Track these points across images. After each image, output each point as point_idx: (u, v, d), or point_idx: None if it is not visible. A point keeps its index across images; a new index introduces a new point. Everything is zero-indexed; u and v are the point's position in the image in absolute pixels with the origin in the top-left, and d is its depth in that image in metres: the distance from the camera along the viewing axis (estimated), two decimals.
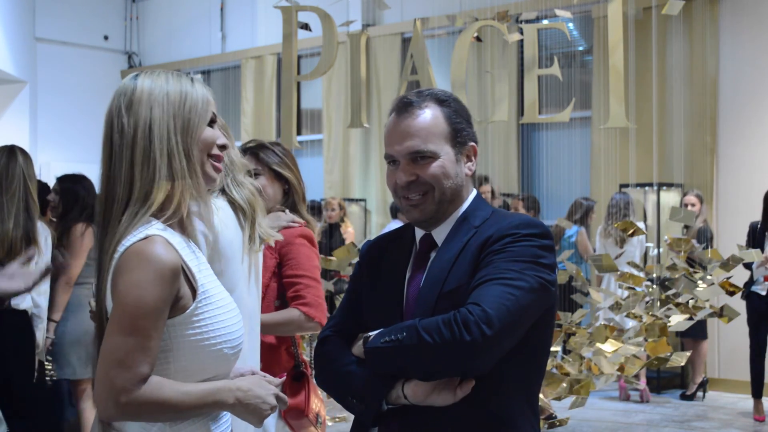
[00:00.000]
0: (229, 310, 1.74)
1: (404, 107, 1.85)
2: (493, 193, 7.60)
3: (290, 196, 3.09)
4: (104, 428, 1.72)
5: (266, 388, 1.70)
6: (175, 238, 1.69)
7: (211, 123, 1.78)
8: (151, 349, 1.61)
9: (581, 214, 7.64)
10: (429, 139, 1.82)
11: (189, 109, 1.72)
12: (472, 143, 1.89)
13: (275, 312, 2.94)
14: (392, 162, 1.87)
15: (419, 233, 1.92)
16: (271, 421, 2.76)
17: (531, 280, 1.72)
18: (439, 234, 1.88)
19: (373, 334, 1.78)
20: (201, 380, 1.68)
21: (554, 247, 1.82)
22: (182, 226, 1.75)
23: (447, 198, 1.84)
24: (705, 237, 6.80)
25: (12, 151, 3.93)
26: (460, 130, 1.86)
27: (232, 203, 2.54)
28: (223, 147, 1.81)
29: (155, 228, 1.67)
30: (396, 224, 8.76)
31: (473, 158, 1.90)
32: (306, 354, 3.31)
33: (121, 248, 1.65)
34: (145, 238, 1.64)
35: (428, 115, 1.84)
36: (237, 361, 1.82)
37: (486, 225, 1.83)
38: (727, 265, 4.83)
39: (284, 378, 1.86)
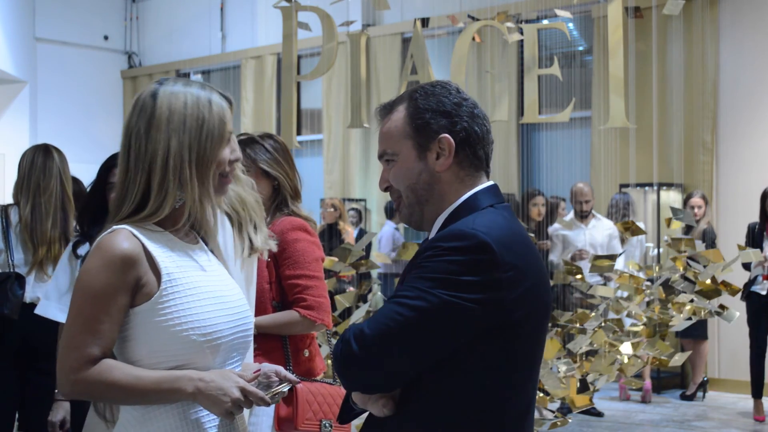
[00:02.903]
0: (204, 298, 1.77)
1: (377, 114, 1.86)
2: None
3: (280, 193, 3.00)
4: (96, 408, 1.76)
5: (231, 380, 1.73)
6: (146, 231, 1.76)
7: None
8: (102, 333, 1.69)
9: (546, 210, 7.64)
10: (388, 142, 1.80)
11: (205, 138, 1.77)
12: (444, 135, 1.74)
13: (275, 314, 2.88)
14: None
15: None
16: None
17: (433, 300, 1.59)
18: (431, 235, 1.80)
19: None
20: (172, 367, 1.73)
21: (492, 261, 1.61)
22: (178, 229, 1.83)
23: (414, 200, 1.77)
24: (709, 238, 6.81)
25: (47, 150, 3.93)
26: (423, 126, 1.75)
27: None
28: (234, 161, 1.84)
29: (128, 224, 1.75)
30: (390, 225, 8.77)
31: (447, 151, 1.74)
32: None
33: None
34: (111, 231, 1.74)
35: (392, 117, 1.80)
36: (234, 356, 1.84)
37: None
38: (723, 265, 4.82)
39: (259, 372, 1.84)
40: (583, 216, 7.09)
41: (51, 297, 2.89)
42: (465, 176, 1.77)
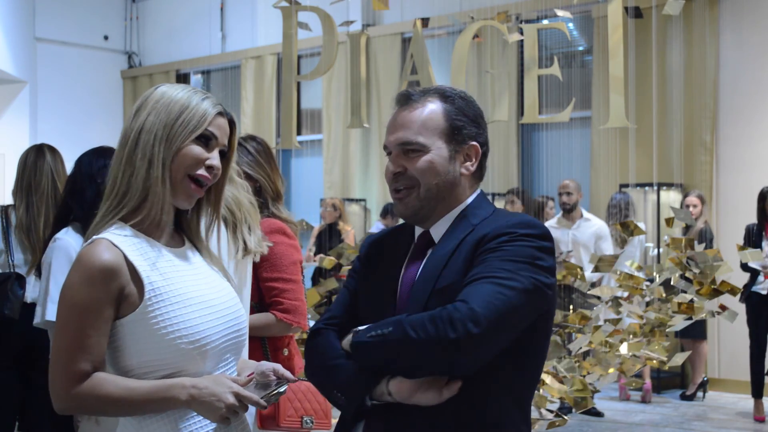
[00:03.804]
0: (190, 305, 1.75)
1: (404, 100, 1.86)
2: None
3: (261, 195, 2.99)
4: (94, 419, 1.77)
5: (225, 385, 1.71)
6: (126, 240, 1.73)
7: (207, 141, 1.79)
8: (90, 347, 1.68)
9: (534, 209, 7.64)
10: (420, 132, 1.81)
11: (181, 122, 1.77)
12: (474, 143, 1.84)
13: (252, 316, 2.87)
14: (388, 153, 1.87)
15: (419, 230, 1.90)
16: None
17: (525, 281, 1.68)
18: (437, 231, 1.85)
19: (362, 328, 1.77)
20: (164, 375, 1.72)
21: (554, 250, 1.78)
22: (160, 232, 1.81)
23: (433, 195, 1.81)
24: (706, 238, 6.81)
25: (40, 149, 3.92)
26: (459, 128, 1.82)
27: None
28: (210, 168, 1.79)
29: (109, 232, 1.74)
30: (378, 226, 8.76)
31: (474, 158, 1.85)
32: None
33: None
34: (91, 242, 1.73)
35: (426, 109, 1.82)
36: (227, 358, 1.83)
37: (484, 223, 1.80)
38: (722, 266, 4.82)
39: (252, 376, 1.82)
40: (565, 210, 7.08)
41: (55, 300, 2.87)
42: (474, 183, 1.89)
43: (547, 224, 7.21)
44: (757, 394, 6.54)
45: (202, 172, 1.79)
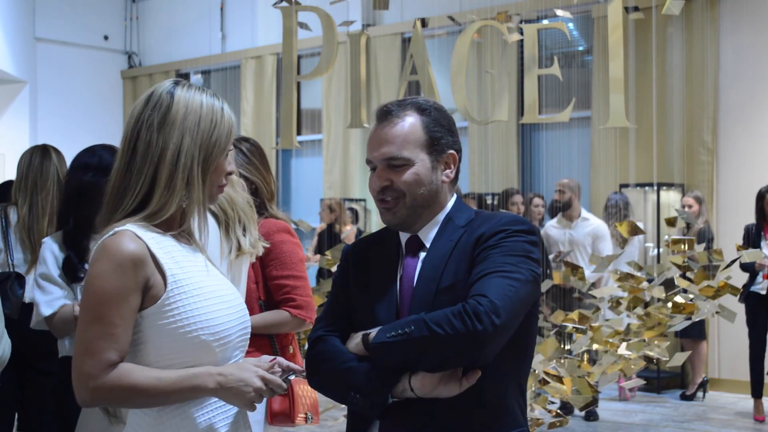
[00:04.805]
0: (208, 299, 1.77)
1: (384, 115, 1.93)
2: None
3: (257, 196, 3.01)
4: (105, 412, 1.82)
5: (250, 370, 1.73)
6: (147, 233, 1.74)
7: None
8: (118, 336, 1.67)
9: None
10: (404, 146, 1.89)
11: (214, 142, 1.80)
12: (452, 151, 1.95)
13: (265, 313, 2.92)
14: (373, 168, 1.94)
15: (404, 235, 1.97)
16: (259, 428, 2.75)
17: (526, 273, 1.80)
18: (426, 235, 1.94)
19: (373, 331, 1.81)
20: (183, 368, 1.72)
21: (538, 243, 1.91)
22: (174, 231, 1.83)
23: (419, 203, 1.91)
24: (705, 238, 6.80)
25: (45, 150, 3.94)
26: (438, 139, 1.92)
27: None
28: (229, 174, 1.89)
29: (130, 225, 1.74)
30: None
31: (452, 166, 1.95)
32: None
33: (95, 246, 1.75)
34: (114, 233, 1.72)
35: (406, 123, 1.90)
36: (236, 354, 1.84)
37: (474, 223, 1.91)
38: (718, 265, 4.82)
39: (275, 359, 1.84)
40: (555, 208, 7.08)
41: (40, 301, 2.88)
42: (452, 187, 2.00)
43: (548, 223, 7.23)
44: (757, 394, 6.54)
45: (224, 181, 1.88)
